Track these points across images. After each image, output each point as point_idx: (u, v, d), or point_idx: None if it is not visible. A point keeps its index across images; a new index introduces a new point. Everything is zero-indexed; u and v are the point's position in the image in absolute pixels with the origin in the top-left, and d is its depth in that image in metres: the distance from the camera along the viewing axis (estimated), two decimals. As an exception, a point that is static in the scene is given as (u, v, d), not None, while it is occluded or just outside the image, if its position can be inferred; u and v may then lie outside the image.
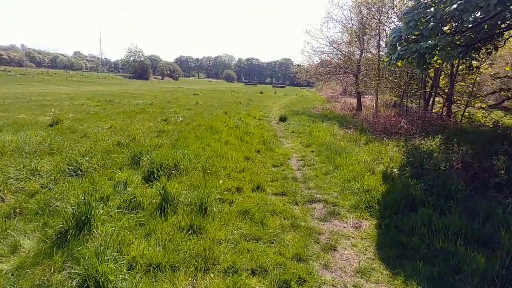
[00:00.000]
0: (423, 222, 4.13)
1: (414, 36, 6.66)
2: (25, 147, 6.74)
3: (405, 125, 10.93)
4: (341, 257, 3.68)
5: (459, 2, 4.83)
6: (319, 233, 4.17)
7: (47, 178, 5.09)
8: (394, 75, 15.74)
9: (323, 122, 14.24)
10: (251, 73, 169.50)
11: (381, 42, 15.55)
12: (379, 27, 15.10)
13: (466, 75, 14.03)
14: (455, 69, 13.24)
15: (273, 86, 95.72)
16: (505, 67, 14.53)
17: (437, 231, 3.96)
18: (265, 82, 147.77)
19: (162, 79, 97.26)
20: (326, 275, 3.32)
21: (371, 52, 17.50)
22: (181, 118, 12.63)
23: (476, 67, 10.35)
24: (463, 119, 13.17)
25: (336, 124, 13.42)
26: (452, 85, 13.39)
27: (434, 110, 14.61)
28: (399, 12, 13.84)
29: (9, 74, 53.93)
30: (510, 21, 6.02)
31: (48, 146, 6.84)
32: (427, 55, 6.67)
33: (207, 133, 9.99)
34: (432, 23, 5.47)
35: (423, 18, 5.88)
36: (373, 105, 21.98)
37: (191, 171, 5.99)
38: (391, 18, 14.15)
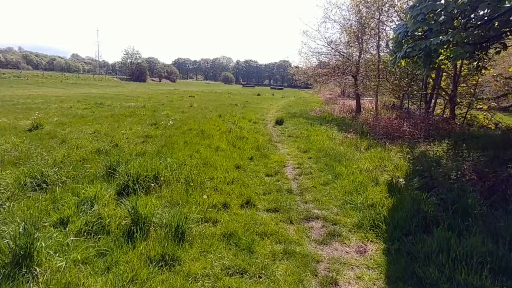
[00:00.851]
0: (440, 247, 3.48)
1: (421, 32, 6.04)
2: (-10, 156, 6.06)
3: (408, 129, 10.30)
4: (344, 294, 3.03)
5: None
6: (318, 261, 3.51)
7: (2, 194, 4.41)
8: (394, 76, 15.14)
9: (322, 125, 13.60)
10: (249, 75, 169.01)
11: (381, 42, 14.96)
12: (379, 26, 14.51)
13: (469, 76, 13.48)
14: (458, 69, 12.68)
15: (271, 88, 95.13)
16: (507, 68, 13.99)
17: (457, 259, 3.31)
18: (263, 84, 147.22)
19: (160, 81, 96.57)
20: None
21: (370, 53, 16.90)
22: (171, 122, 11.97)
23: (484, 67, 9.74)
24: (465, 122, 12.60)
25: (335, 128, 12.79)
26: (455, 86, 12.81)
27: (435, 112, 14.03)
28: (400, 11, 13.27)
29: (3, 76, 53.29)
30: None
31: (15, 155, 6.16)
32: (433, 53, 6.06)
33: (197, 138, 9.33)
34: (443, 17, 4.85)
35: (431, 12, 5.27)
36: (373, 107, 21.39)
37: (173, 183, 5.33)
38: (391, 17, 13.58)
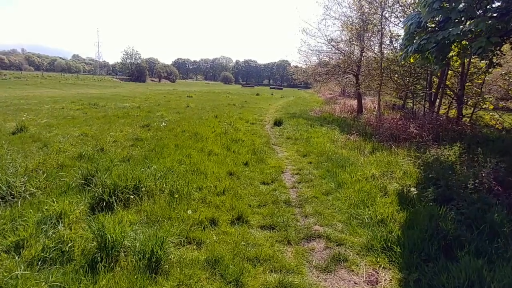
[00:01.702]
0: (469, 280, 2.87)
1: (433, 24, 5.43)
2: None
3: (415, 130, 9.67)
4: None
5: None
6: (320, 296, 2.90)
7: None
8: (397, 74, 14.50)
9: (322, 126, 12.98)
10: (249, 75, 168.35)
11: (384, 39, 14.33)
12: (382, 23, 13.89)
13: (476, 74, 12.87)
14: (466, 67, 12.06)
15: (270, 88, 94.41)
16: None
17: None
18: (263, 84, 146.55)
19: (159, 81, 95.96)
20: None
21: (372, 50, 16.27)
22: (164, 123, 11.36)
23: (498, 64, 9.10)
24: (472, 122, 11.99)
25: (336, 129, 12.16)
26: (463, 84, 12.17)
27: (440, 112, 13.41)
28: (405, 6, 12.64)
29: (4, 77, 52.91)
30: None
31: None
32: (448, 47, 5.44)
33: (190, 141, 8.72)
34: (462, 4, 4.23)
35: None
36: (375, 107, 20.76)
37: (156, 194, 4.71)
38: (395, 12, 12.95)
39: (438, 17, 4.84)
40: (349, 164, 7.13)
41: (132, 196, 4.44)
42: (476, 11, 4.40)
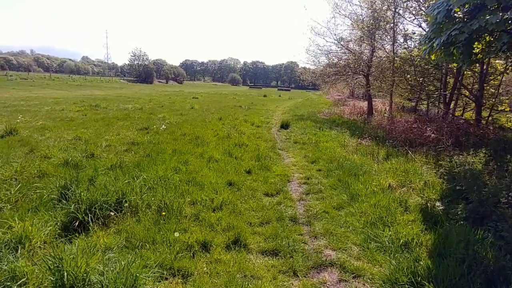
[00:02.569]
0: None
1: (462, 13, 4.72)
2: None
3: (433, 134, 8.91)
4: None
5: None
6: None
7: None
8: (409, 75, 13.71)
9: (331, 130, 12.27)
10: (257, 76, 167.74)
11: (397, 37, 13.57)
12: (395, 19, 13.14)
13: (494, 75, 12.06)
14: (486, 66, 11.26)
15: (278, 89, 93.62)
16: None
17: None
18: (270, 85, 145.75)
19: (166, 83, 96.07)
20: None
21: (384, 49, 15.51)
22: (164, 126, 10.79)
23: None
24: (490, 124, 11.18)
25: (346, 132, 11.43)
26: (482, 85, 11.36)
27: (455, 114, 12.62)
28: (419, 1, 11.88)
29: (10, 78, 53.19)
30: None
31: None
32: (474, 41, 4.74)
33: (190, 146, 8.12)
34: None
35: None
36: (386, 109, 19.95)
37: (142, 210, 4.10)
38: (409, 8, 12.18)
39: (469, 5, 4.15)
40: (362, 173, 6.43)
41: (112, 213, 3.83)
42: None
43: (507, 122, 12.08)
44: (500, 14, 3.59)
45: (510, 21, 3.55)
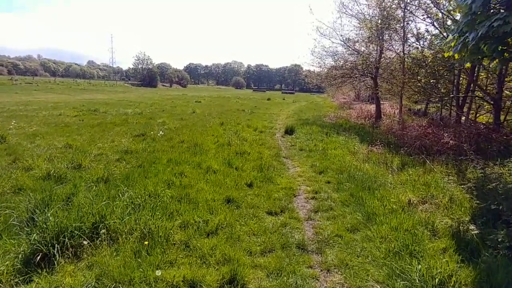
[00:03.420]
0: None
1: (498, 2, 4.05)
2: None
3: (451, 141, 8.20)
4: None
5: None
6: None
7: None
8: (419, 76, 12.99)
9: (339, 135, 11.59)
10: (260, 79, 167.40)
11: (408, 36, 12.89)
12: (406, 17, 12.46)
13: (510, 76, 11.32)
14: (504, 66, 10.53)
15: (282, 92, 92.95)
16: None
17: None
18: (274, 89, 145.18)
19: (170, 86, 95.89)
20: None
21: (394, 50, 14.82)
22: (162, 132, 10.19)
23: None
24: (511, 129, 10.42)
25: (355, 138, 10.74)
26: (501, 86, 10.62)
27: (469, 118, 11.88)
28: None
29: (15, 83, 53.26)
30: None
31: None
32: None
33: (187, 154, 7.51)
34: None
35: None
36: (394, 113, 19.21)
37: (122, 237, 3.47)
38: (421, 6, 11.49)
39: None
40: (377, 186, 5.76)
41: (85, 242, 3.21)
42: None
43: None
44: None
45: None
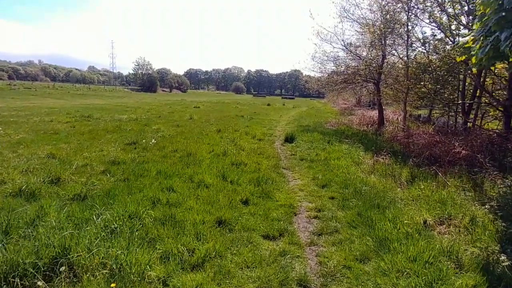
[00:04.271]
0: None
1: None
2: None
3: (463, 151, 7.63)
4: None
5: None
6: None
7: None
8: (422, 82, 12.45)
9: (341, 143, 11.03)
10: (260, 85, 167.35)
11: (413, 39, 12.39)
12: (411, 21, 11.98)
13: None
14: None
15: (282, 98, 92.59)
16: None
17: None
18: (274, 94, 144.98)
19: (170, 92, 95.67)
20: None
21: (398, 55, 14.33)
22: (154, 141, 9.62)
23: None
24: None
25: (360, 147, 10.15)
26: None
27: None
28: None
29: (13, 88, 52.96)
30: None
31: None
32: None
33: (179, 166, 6.94)
34: None
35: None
36: (397, 119, 18.67)
37: (88, 274, 2.89)
38: (427, 9, 11.00)
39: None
40: (387, 203, 5.18)
41: (40, 283, 2.62)
42: None
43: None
44: None
45: None
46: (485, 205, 4.74)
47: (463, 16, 10.84)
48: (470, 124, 11.59)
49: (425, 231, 4.21)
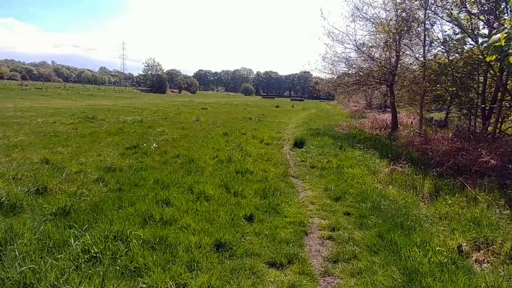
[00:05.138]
0: None
1: None
2: None
3: (492, 160, 6.90)
4: None
5: None
6: None
7: None
8: (438, 84, 11.69)
9: (354, 149, 10.35)
10: (270, 86, 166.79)
11: (429, 39, 11.64)
12: (430, 19, 11.25)
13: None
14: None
15: (291, 99, 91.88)
16: None
17: None
18: (284, 95, 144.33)
19: (179, 92, 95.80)
20: None
21: (413, 55, 13.58)
22: (155, 145, 9.11)
23: None
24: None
25: (375, 154, 9.45)
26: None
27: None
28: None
29: (25, 88, 53.53)
30: None
31: None
32: None
33: (179, 173, 6.39)
34: None
35: None
36: (412, 122, 17.86)
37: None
38: (447, 6, 10.27)
39: None
40: (411, 222, 4.52)
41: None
42: None
43: None
44: None
45: None
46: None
47: (482, 15, 10.09)
48: (490, 128, 10.80)
49: (461, 259, 3.56)
